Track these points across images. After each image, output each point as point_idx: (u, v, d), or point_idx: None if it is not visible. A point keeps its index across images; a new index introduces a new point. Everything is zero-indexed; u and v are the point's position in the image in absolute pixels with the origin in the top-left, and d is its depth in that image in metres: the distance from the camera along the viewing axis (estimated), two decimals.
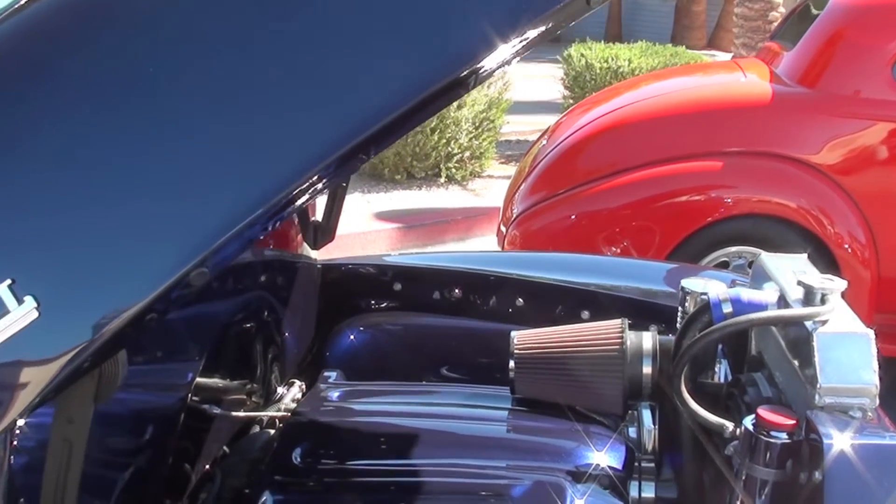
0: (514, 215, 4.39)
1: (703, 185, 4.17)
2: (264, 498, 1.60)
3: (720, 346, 1.84)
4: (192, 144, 0.98)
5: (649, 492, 1.68)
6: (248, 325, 2.02)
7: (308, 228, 2.34)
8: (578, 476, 1.64)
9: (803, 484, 1.39)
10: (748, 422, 1.44)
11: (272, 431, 1.88)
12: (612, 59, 8.69)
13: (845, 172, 4.13)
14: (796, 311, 1.51)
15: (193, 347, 1.72)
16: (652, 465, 1.72)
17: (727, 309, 1.61)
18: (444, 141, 7.55)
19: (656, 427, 1.79)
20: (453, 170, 7.72)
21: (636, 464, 1.72)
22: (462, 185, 7.72)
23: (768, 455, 1.41)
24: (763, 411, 1.43)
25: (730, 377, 1.82)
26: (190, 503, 1.72)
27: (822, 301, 1.51)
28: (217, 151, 0.97)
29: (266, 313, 2.06)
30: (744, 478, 1.45)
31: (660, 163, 4.18)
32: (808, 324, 1.49)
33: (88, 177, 0.97)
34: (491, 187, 7.55)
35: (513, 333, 1.87)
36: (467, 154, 7.81)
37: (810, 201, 4.12)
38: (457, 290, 2.36)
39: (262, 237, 1.00)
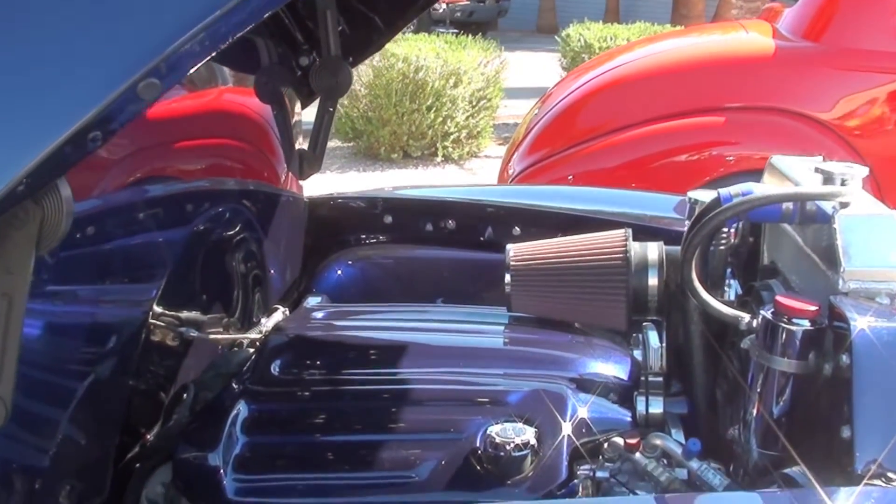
0: (511, 177, 4.27)
1: (704, 142, 4.04)
2: (238, 408, 1.48)
3: (729, 270, 1.72)
4: None
5: (657, 407, 1.55)
6: (225, 246, 1.90)
7: (293, 158, 2.23)
8: (581, 385, 1.52)
9: (827, 376, 1.27)
10: (766, 311, 1.32)
11: (251, 350, 1.75)
12: (611, 39, 8.55)
13: (851, 127, 4.01)
14: (816, 188, 1.40)
15: (158, 261, 1.61)
16: (660, 379, 1.60)
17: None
18: (441, 119, 7.43)
19: (663, 345, 1.67)
20: (450, 149, 7.59)
21: (643, 378, 1.60)
22: (459, 165, 7.60)
23: (789, 345, 1.29)
24: (782, 298, 1.31)
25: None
26: (164, 421, 1.61)
27: (843, 185, 1.41)
28: None
29: (244, 235, 1.94)
30: (762, 373, 1.33)
31: (659, 120, 4.06)
32: (829, 208, 1.38)
33: None
34: (488, 167, 7.42)
35: (508, 246, 1.75)
36: (464, 133, 7.68)
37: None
38: (450, 222, 2.24)
39: (221, 46, 0.88)
